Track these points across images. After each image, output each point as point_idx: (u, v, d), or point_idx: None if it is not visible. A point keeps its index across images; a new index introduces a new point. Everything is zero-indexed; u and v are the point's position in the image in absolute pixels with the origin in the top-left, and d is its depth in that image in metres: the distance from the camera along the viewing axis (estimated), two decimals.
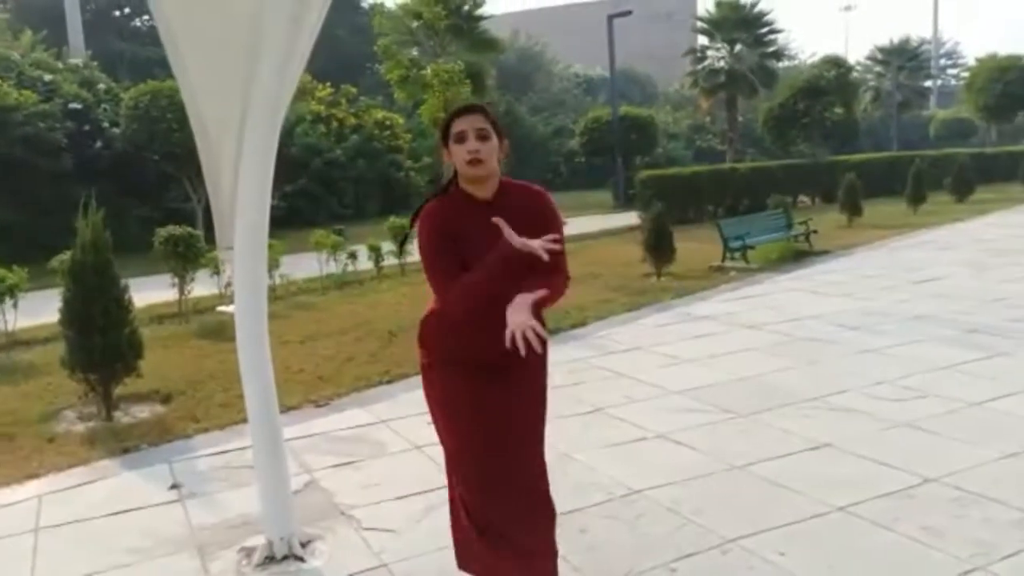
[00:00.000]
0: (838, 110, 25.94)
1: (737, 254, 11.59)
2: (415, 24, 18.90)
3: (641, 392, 5.49)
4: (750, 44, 27.43)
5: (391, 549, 3.36)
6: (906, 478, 3.82)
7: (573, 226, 17.28)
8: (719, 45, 28.16)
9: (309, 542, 3.40)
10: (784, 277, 10.39)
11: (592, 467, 4.15)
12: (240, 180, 2.96)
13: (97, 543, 3.53)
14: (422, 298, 8.80)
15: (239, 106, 2.93)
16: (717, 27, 27.90)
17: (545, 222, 2.50)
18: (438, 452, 4.40)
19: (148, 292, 8.95)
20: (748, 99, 29.54)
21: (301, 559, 3.26)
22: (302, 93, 24.55)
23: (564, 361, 6.41)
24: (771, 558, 3.13)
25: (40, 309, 7.52)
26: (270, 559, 3.25)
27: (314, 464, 4.37)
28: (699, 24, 29.33)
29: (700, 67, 28.34)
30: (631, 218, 17.75)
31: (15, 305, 7.67)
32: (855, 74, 31.84)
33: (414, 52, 20.71)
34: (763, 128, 27.43)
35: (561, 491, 3.81)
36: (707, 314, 8.14)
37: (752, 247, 11.60)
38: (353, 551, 3.35)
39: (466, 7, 19.52)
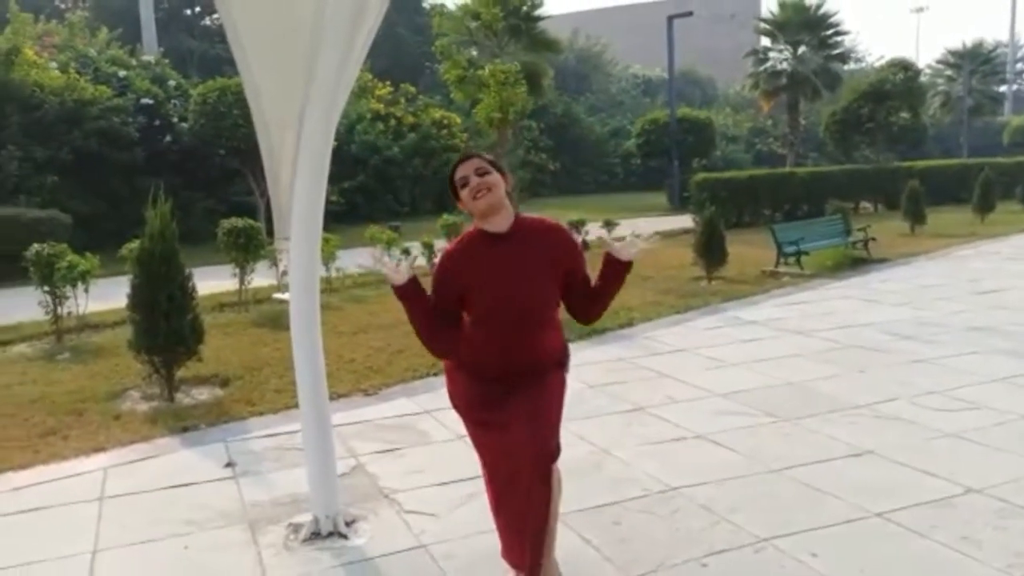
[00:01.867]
0: (904, 115, 25.27)
1: (791, 260, 11.44)
2: (474, 24, 19.08)
3: (683, 393, 5.51)
4: (814, 46, 26.87)
5: (431, 531, 3.48)
6: (948, 487, 3.78)
7: (626, 228, 17.33)
8: (782, 47, 27.67)
9: (353, 521, 3.55)
10: (839, 284, 10.23)
11: (629, 464, 4.22)
12: (297, 175, 3.12)
13: (155, 513, 3.74)
14: None
15: (298, 104, 3.09)
16: (780, 28, 27.42)
17: (563, 253, 2.74)
18: (470, 443, 4.54)
19: (211, 281, 9.30)
20: (811, 102, 28.96)
21: (345, 536, 3.42)
22: (362, 92, 25.04)
23: (608, 360, 6.48)
24: (803, 558, 3.16)
25: (111, 294, 7.89)
26: (316, 535, 3.41)
27: (361, 449, 4.54)
28: (762, 25, 28.88)
29: (761, 69, 27.89)
30: (686, 221, 17.63)
31: (87, 290, 8.05)
32: (924, 78, 30.93)
33: (473, 52, 20.93)
34: (825, 132, 26.90)
35: (597, 485, 3.92)
36: (756, 319, 8.09)
37: (807, 253, 11.44)
38: (394, 532, 3.49)
39: (524, 8, 19.62)
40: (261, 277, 9.97)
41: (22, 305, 8.41)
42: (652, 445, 4.51)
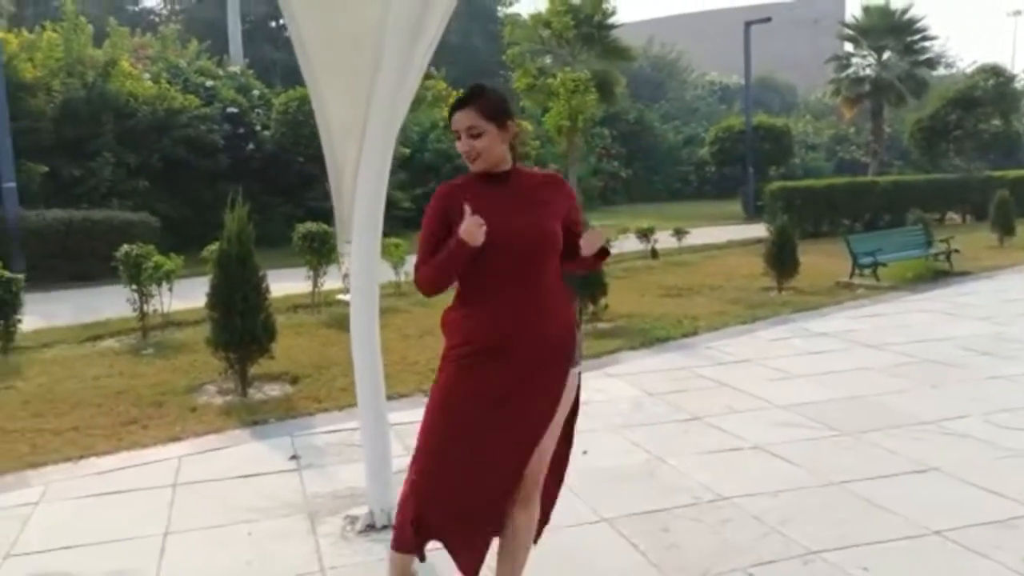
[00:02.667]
0: (996, 122, 24.18)
1: (867, 271, 11.12)
2: (546, 33, 19.23)
3: (744, 404, 5.46)
4: (899, 51, 25.99)
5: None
6: (1014, 508, 3.65)
7: (697, 236, 17.16)
8: (865, 52, 26.86)
9: None
10: (916, 297, 9.89)
11: (682, 472, 4.21)
12: (358, 182, 3.27)
13: (223, 501, 3.95)
14: None
15: (361, 114, 3.23)
16: (864, 34, 26.60)
17: (563, 200, 2.57)
18: None
19: (287, 283, 9.66)
20: (895, 109, 28.01)
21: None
22: (436, 101, 25.48)
23: (668, 368, 6.46)
24: (853, 573, 3.11)
25: (193, 294, 8.28)
26: (371, 527, 3.54)
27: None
28: (845, 31, 28.09)
29: (843, 75, 27.13)
30: (760, 230, 17.32)
31: (170, 289, 8.48)
32: (1019, 84, 29.50)
33: (547, 60, 21.09)
34: (910, 140, 25.97)
35: (648, 492, 3.95)
36: (826, 331, 7.91)
37: (884, 264, 11.09)
38: None
39: (597, 17, 19.65)
40: (333, 280, 10.28)
41: (112, 302, 8.90)
42: (707, 454, 4.49)
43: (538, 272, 2.49)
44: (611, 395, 5.74)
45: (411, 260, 10.97)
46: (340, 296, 9.41)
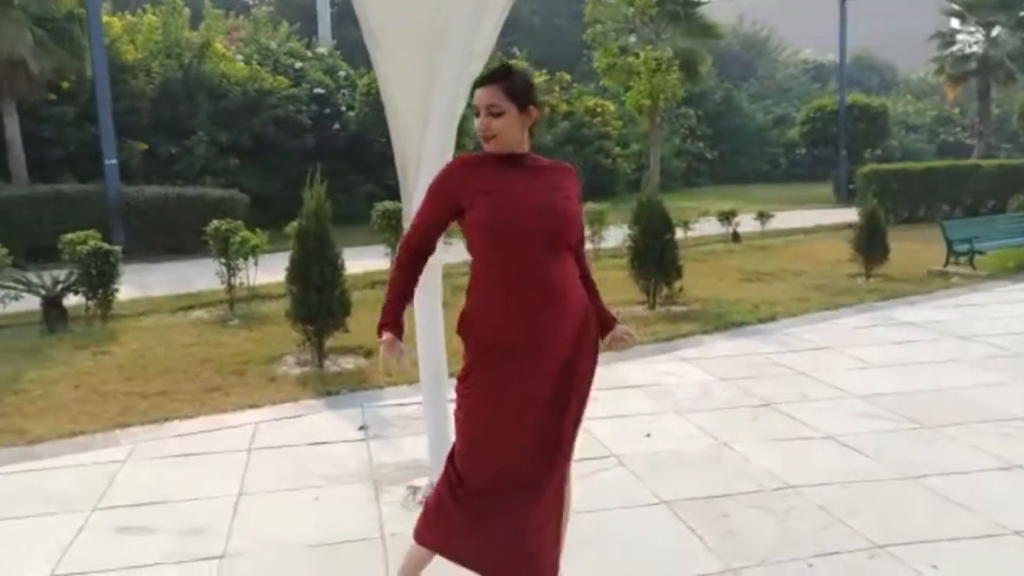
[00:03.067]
0: None
1: (963, 259, 10.56)
2: (630, 11, 18.89)
3: (818, 392, 5.30)
4: (1011, 27, 24.43)
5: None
6: None
7: (783, 220, 16.64)
8: (972, 28, 25.36)
9: None
10: (1017, 287, 9.34)
11: (748, 458, 4.13)
12: (422, 165, 3.31)
13: (294, 466, 4.10)
14: (612, 283, 9.01)
15: (426, 96, 3.27)
16: (971, 9, 25.10)
17: (574, 187, 2.52)
18: (598, 427, 4.62)
19: (367, 260, 9.90)
20: (1004, 88, 26.37)
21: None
22: None
23: (741, 355, 6.32)
24: (920, 569, 3.00)
25: (278, 268, 8.56)
26: None
27: None
28: (952, 6, 26.55)
29: (947, 52, 25.70)
30: (851, 215, 16.66)
31: (256, 263, 8.81)
32: None
33: (632, 39, 20.74)
34: (1020, 122, 24.43)
35: (712, 477, 3.89)
36: (913, 320, 7.57)
37: (982, 252, 10.51)
38: None
39: None
40: None
41: (203, 275, 9.29)
42: (776, 442, 4.39)
43: (563, 253, 2.43)
44: (680, 379, 5.66)
45: None
46: None
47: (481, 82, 2.44)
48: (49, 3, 14.07)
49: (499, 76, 2.42)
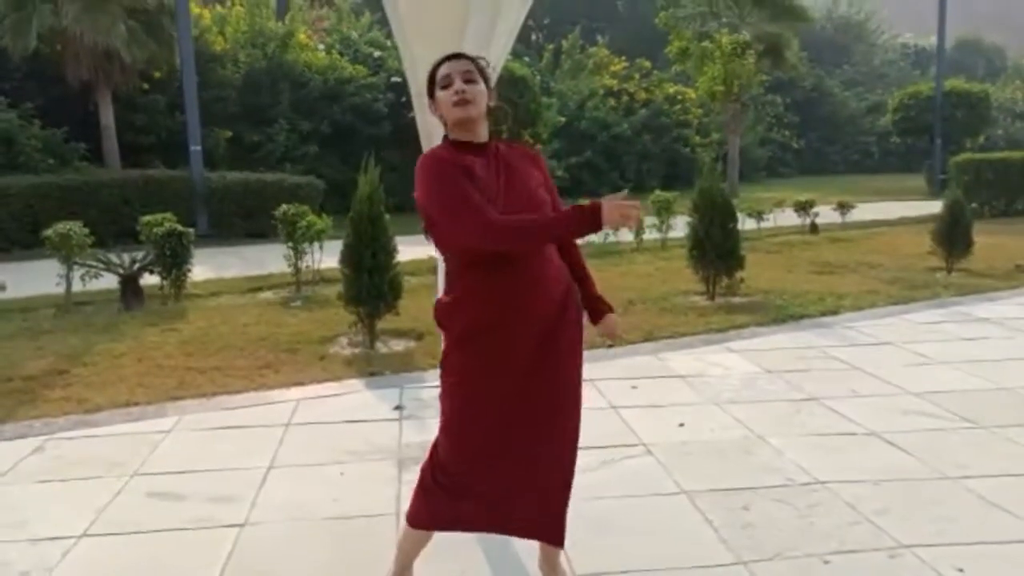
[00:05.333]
0: None
1: None
2: None
3: (870, 387, 5.08)
4: None
5: None
6: None
7: (867, 212, 16.01)
8: None
9: None
10: None
11: (781, 452, 4.00)
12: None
13: (326, 442, 4.22)
14: (675, 272, 8.91)
15: None
16: None
17: (542, 173, 2.49)
18: (633, 415, 4.57)
19: (427, 247, 10.01)
20: None
21: None
22: (597, 68, 25.21)
23: (796, 347, 6.12)
24: (944, 571, 2.85)
25: None
26: None
27: None
28: None
29: None
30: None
31: (321, 247, 9.06)
32: None
33: (714, 24, 20.24)
34: None
35: (737, 470, 3.80)
36: (990, 316, 7.16)
37: None
38: None
39: None
40: None
41: (277, 258, 9.55)
42: (813, 437, 4.23)
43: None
44: (725, 370, 5.53)
45: None
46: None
47: (448, 57, 2.43)
48: None
49: (466, 55, 2.44)
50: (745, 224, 13.31)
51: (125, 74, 14.62)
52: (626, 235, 11.83)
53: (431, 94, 2.44)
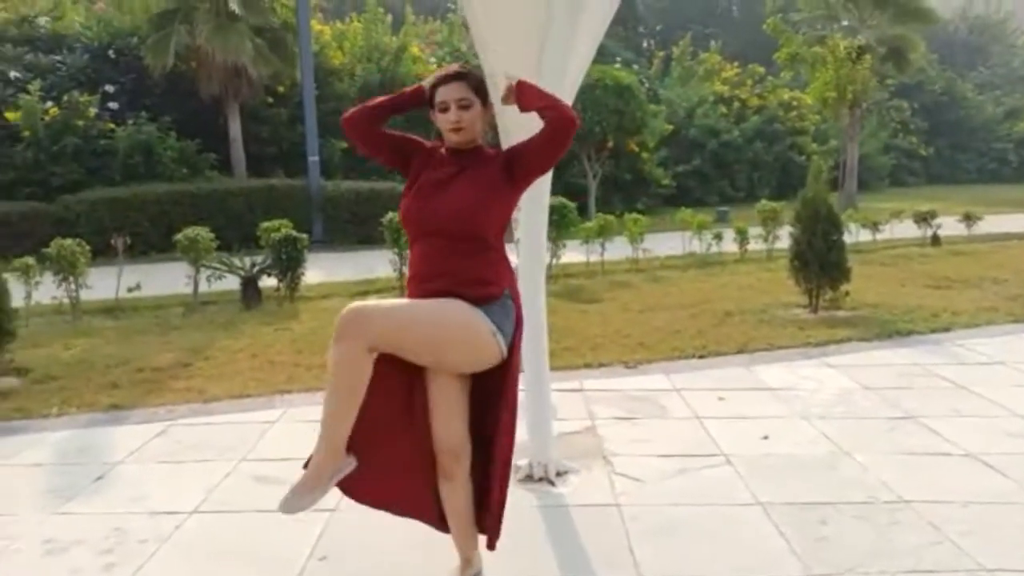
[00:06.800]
0: None
1: None
2: None
3: (974, 408, 4.86)
4: None
5: (631, 494, 3.66)
6: None
7: (997, 224, 15.09)
8: None
9: (565, 472, 3.88)
10: None
11: (867, 469, 3.92)
12: None
13: None
14: (778, 284, 8.77)
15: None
16: None
17: (496, 165, 2.57)
18: (716, 425, 4.58)
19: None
20: None
21: (552, 483, 3.76)
22: (708, 74, 24.80)
23: (899, 363, 5.91)
24: None
25: None
26: (528, 477, 3.80)
27: (599, 413, 4.82)
28: None
29: None
30: None
31: None
32: None
33: (833, 27, 19.56)
34: None
35: (819, 484, 3.77)
36: None
37: None
38: (597, 488, 3.74)
39: None
40: (574, 253, 10.70)
41: (386, 264, 9.93)
42: (904, 455, 4.11)
43: (453, 250, 2.50)
44: (820, 384, 5.41)
45: (650, 237, 11.12)
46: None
47: (444, 79, 2.56)
48: (267, 15, 15.73)
49: (460, 73, 2.57)
50: (859, 236, 12.85)
51: (252, 89, 15.62)
52: (731, 246, 11.65)
53: (431, 107, 2.59)
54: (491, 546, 2.73)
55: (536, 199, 3.67)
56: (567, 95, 3.52)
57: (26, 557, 3.19)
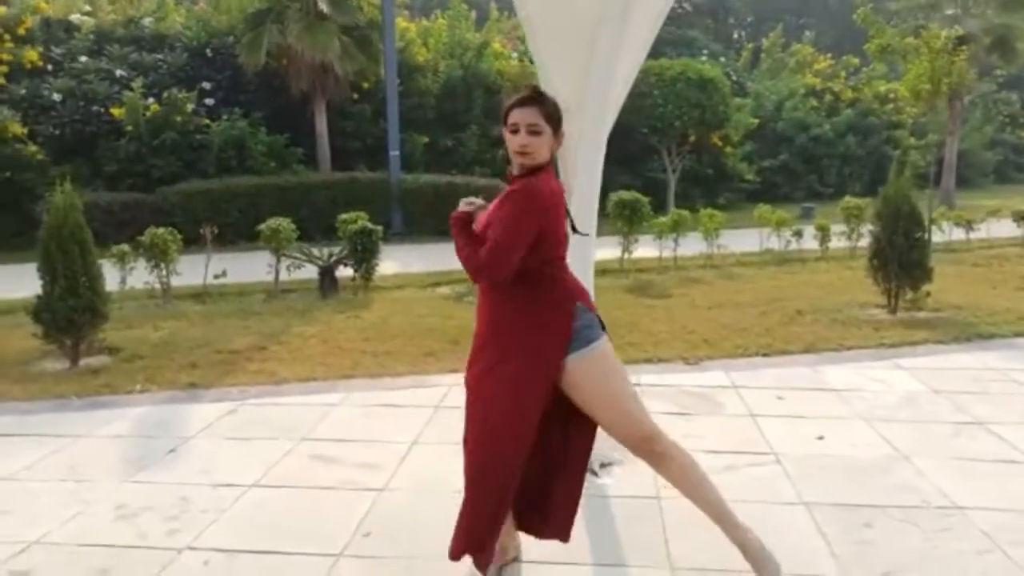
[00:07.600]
0: None
1: None
2: None
3: None
4: None
5: (672, 487, 3.65)
6: None
7: None
8: None
9: (609, 464, 3.91)
10: None
11: (923, 473, 3.80)
12: (578, 155, 3.54)
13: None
14: (857, 283, 8.55)
15: (580, 88, 3.48)
16: None
17: (495, 209, 2.58)
18: (770, 424, 4.53)
19: (602, 249, 10.19)
20: None
21: (595, 474, 3.80)
22: (799, 66, 24.05)
23: (974, 368, 5.67)
24: None
25: None
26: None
27: (654, 408, 4.78)
28: None
29: None
30: None
31: None
32: None
33: (935, 16, 18.67)
34: None
35: (869, 487, 3.71)
36: None
37: None
38: (640, 480, 3.75)
39: None
40: (646, 248, 10.62)
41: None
42: (965, 461, 3.97)
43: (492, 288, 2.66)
44: (886, 387, 5.25)
45: (727, 233, 10.94)
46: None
47: (519, 103, 2.56)
48: (355, 14, 16.18)
49: (536, 98, 2.56)
50: (952, 234, 12.28)
51: (338, 85, 16.10)
52: (811, 243, 11.33)
53: (505, 123, 2.60)
54: (567, 537, 2.91)
55: (587, 194, 3.71)
56: (619, 90, 3.55)
57: (99, 520, 3.47)
